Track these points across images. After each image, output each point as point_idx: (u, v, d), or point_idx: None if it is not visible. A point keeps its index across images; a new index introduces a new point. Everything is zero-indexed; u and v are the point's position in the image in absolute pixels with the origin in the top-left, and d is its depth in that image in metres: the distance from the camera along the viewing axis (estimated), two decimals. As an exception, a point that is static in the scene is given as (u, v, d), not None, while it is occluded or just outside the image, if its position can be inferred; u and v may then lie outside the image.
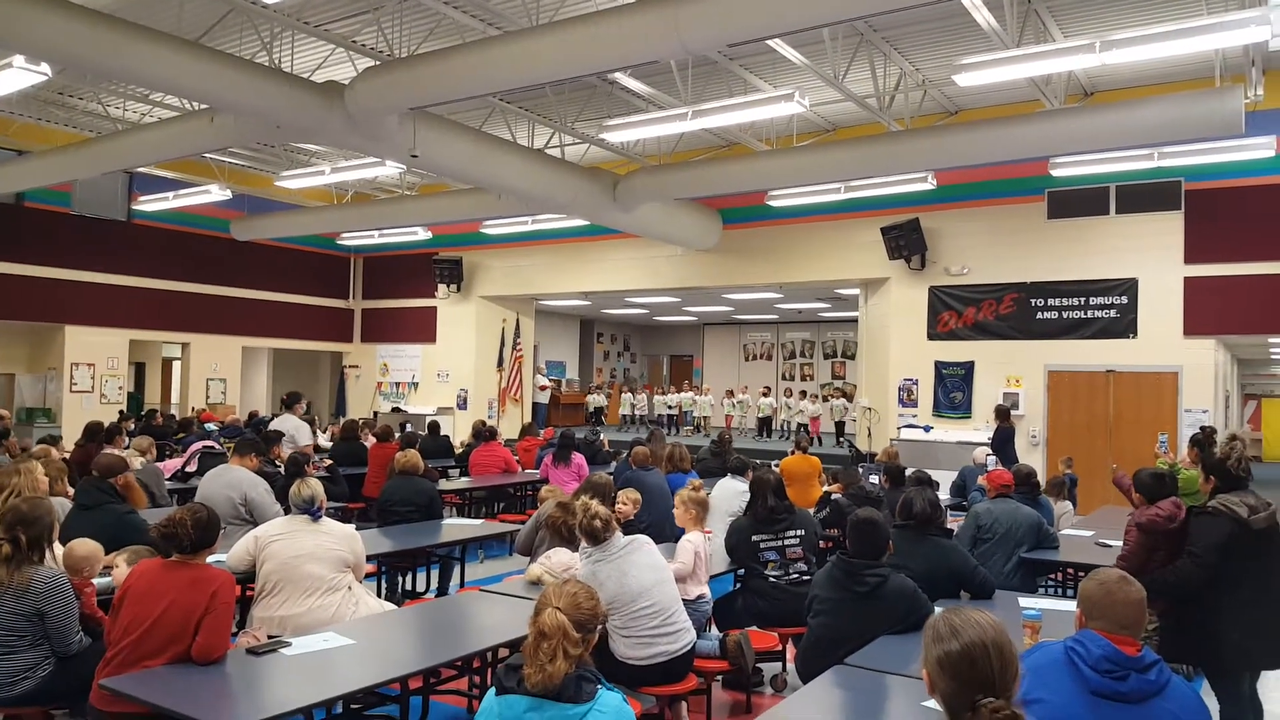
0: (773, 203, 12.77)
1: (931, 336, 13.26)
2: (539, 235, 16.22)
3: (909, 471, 7.67)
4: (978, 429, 12.46)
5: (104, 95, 12.48)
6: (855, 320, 16.20)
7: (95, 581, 4.37)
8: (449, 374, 18.80)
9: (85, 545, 4.40)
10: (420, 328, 19.34)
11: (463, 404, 18.42)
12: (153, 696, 3.20)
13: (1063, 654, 2.47)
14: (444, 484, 9.64)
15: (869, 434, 13.92)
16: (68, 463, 7.10)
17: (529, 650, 2.41)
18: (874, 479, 8.24)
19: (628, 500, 6.03)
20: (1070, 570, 6.44)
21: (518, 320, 18.92)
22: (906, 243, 13.05)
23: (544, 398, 20.17)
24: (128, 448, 8.47)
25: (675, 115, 9.41)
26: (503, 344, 18.75)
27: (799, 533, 5.43)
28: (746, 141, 12.30)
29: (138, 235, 16.49)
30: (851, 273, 14.14)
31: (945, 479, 9.52)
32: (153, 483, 7.38)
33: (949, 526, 5.19)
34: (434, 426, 12.91)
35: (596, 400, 22.51)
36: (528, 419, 17.62)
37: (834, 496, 7.62)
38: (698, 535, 5.06)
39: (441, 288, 18.59)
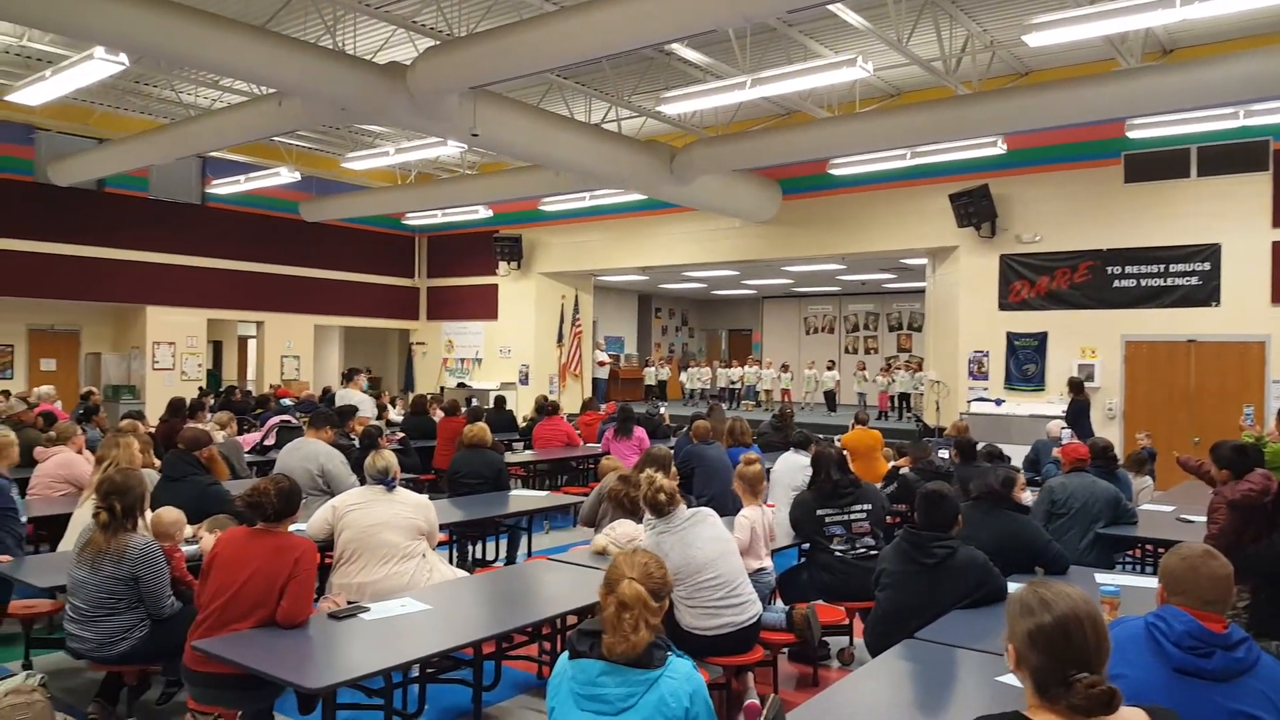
0: (834, 171, 12.58)
1: (1003, 307, 12.96)
2: (597, 211, 16.24)
3: (980, 446, 7.55)
4: (1051, 402, 12.18)
5: (177, 82, 12.82)
6: (922, 291, 15.90)
7: (183, 549, 4.57)
8: (511, 350, 19.03)
9: (171, 513, 4.61)
10: (483, 305, 19.59)
11: (524, 379, 18.64)
12: (241, 658, 3.35)
13: (1144, 629, 2.40)
14: (509, 457, 9.80)
15: (937, 408, 13.70)
16: (152, 436, 7.41)
17: (610, 621, 2.44)
18: (943, 454, 8.13)
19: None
20: (1149, 546, 6.29)
21: (576, 296, 19.04)
22: (976, 210, 12.74)
23: (603, 373, 20.29)
24: (209, 422, 8.78)
25: (734, 84, 9.32)
26: (562, 320, 18.90)
27: (865, 507, 5.39)
28: (807, 109, 12.11)
29: (212, 218, 16.98)
30: (918, 242, 13.86)
31: (1017, 454, 9.34)
32: (233, 456, 7.66)
33: (1024, 502, 5.09)
34: (499, 401, 13.11)
35: (660, 374, 22.53)
36: (587, 394, 17.77)
37: (902, 471, 7.54)
38: (754, 510, 5.06)
39: (502, 265, 18.78)
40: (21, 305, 15.23)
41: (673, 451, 7.04)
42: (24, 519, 5.06)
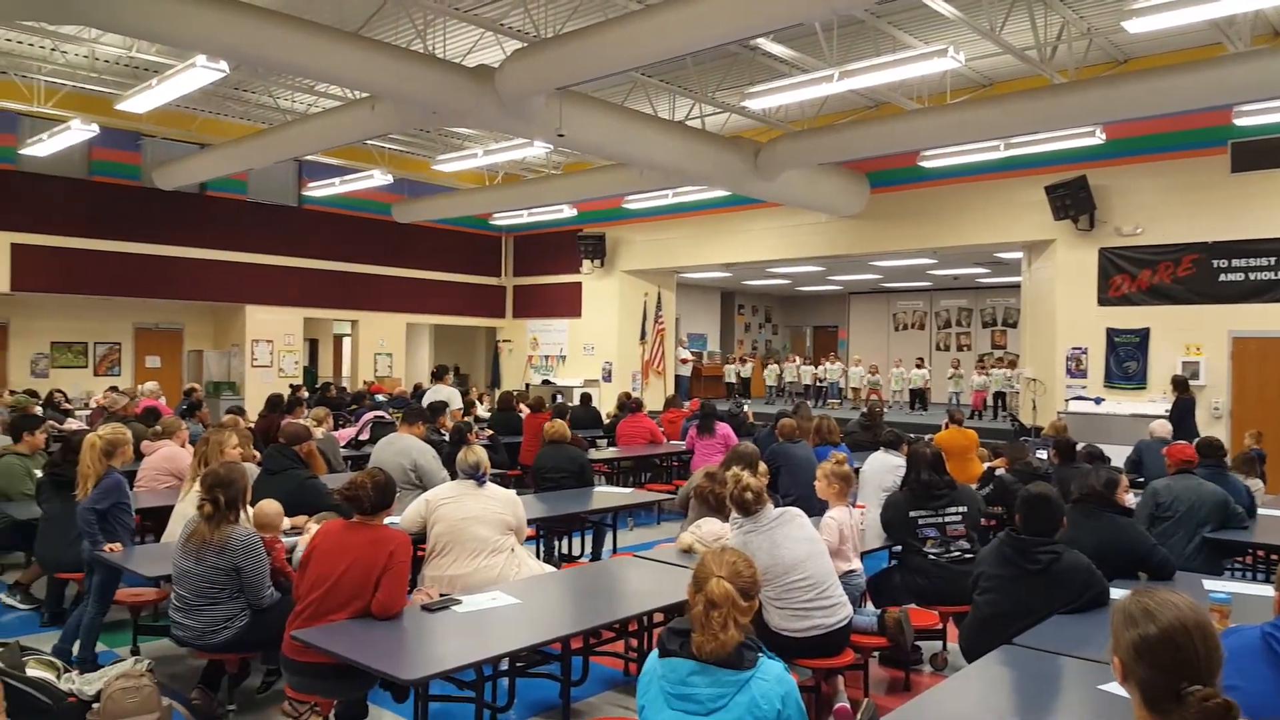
0: (925, 164, 12.27)
1: (1102, 302, 12.45)
2: (680, 208, 16.21)
3: (1079, 447, 7.26)
4: (1154, 400, 11.65)
5: (274, 88, 13.29)
6: (1017, 286, 15.42)
7: (283, 540, 4.73)
8: (594, 347, 19.16)
9: (272, 505, 4.76)
10: (567, 303, 19.77)
11: (607, 376, 18.75)
12: (338, 648, 3.43)
13: (1260, 640, 2.28)
14: (593, 453, 9.86)
15: (1033, 406, 13.26)
16: (252, 431, 7.68)
17: (699, 619, 2.42)
18: (1041, 454, 7.85)
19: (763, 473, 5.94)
20: (1261, 552, 5.97)
21: (659, 293, 19.05)
22: (1073, 202, 12.27)
23: (686, 370, 20.25)
24: (307, 418, 9.07)
25: (821, 77, 9.19)
26: (645, 317, 18.94)
27: (960, 509, 5.23)
28: (896, 101, 11.85)
29: (308, 220, 17.56)
30: (1013, 235, 13.42)
31: (1118, 454, 8.97)
32: (330, 450, 7.89)
33: (1127, 505, 4.88)
34: (585, 398, 13.22)
35: (742, 371, 22.38)
36: (670, 391, 17.76)
37: (998, 472, 7.31)
38: (842, 511, 4.95)
39: (586, 263, 18.91)
40: (128, 305, 16.02)
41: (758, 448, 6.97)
42: (133, 511, 5.29)
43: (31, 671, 4.10)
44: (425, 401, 10.64)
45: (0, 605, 6.17)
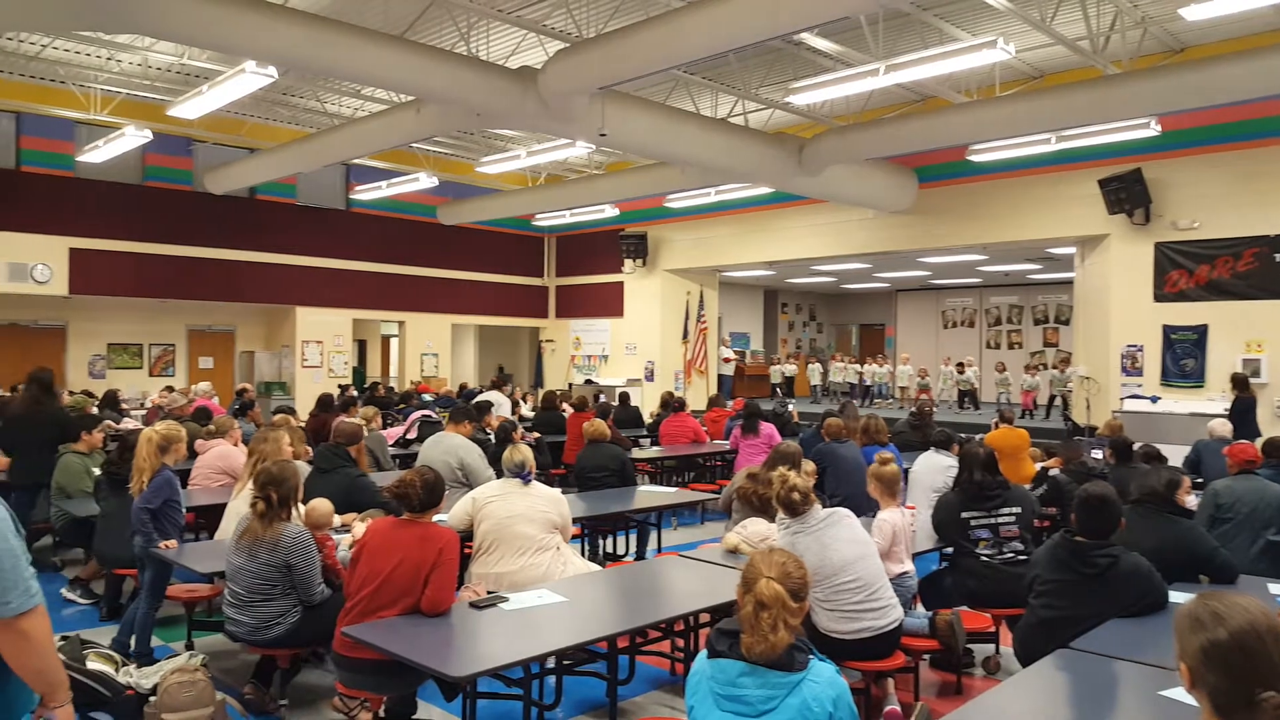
0: (974, 158, 12.07)
1: (1158, 298, 12.15)
2: (722, 206, 16.13)
3: (1136, 446, 7.08)
4: (1212, 399, 11.33)
5: (322, 93, 13.48)
6: (1070, 282, 15.08)
7: (334, 538, 4.78)
8: (636, 346, 19.16)
9: (323, 503, 4.82)
10: (609, 302, 19.80)
11: (649, 376, 18.74)
12: (388, 644, 3.46)
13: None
14: (636, 453, 9.85)
15: (1087, 406, 12.98)
16: (304, 430, 7.80)
17: (748, 620, 2.40)
18: (1096, 454, 7.67)
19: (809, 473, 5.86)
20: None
21: (701, 292, 18.99)
22: (1128, 195, 11.99)
23: (728, 369, 20.17)
24: (357, 417, 9.19)
25: (866, 72, 9.08)
26: (687, 316, 18.89)
27: (1014, 510, 5.12)
28: (944, 94, 11.67)
29: (356, 222, 17.81)
30: (1065, 230, 13.15)
31: (1176, 454, 8.74)
32: (378, 449, 7.99)
33: (1188, 506, 4.74)
34: (624, 397, 13.22)
35: (786, 370, 22.22)
36: (713, 390, 17.70)
37: (1052, 472, 7.15)
38: (893, 512, 4.87)
39: (628, 263, 18.91)
40: (182, 307, 16.37)
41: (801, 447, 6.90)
42: (184, 509, 5.39)
43: (91, 664, 4.20)
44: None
45: (60, 600, 6.31)
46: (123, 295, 15.12)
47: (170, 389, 13.68)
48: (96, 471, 6.37)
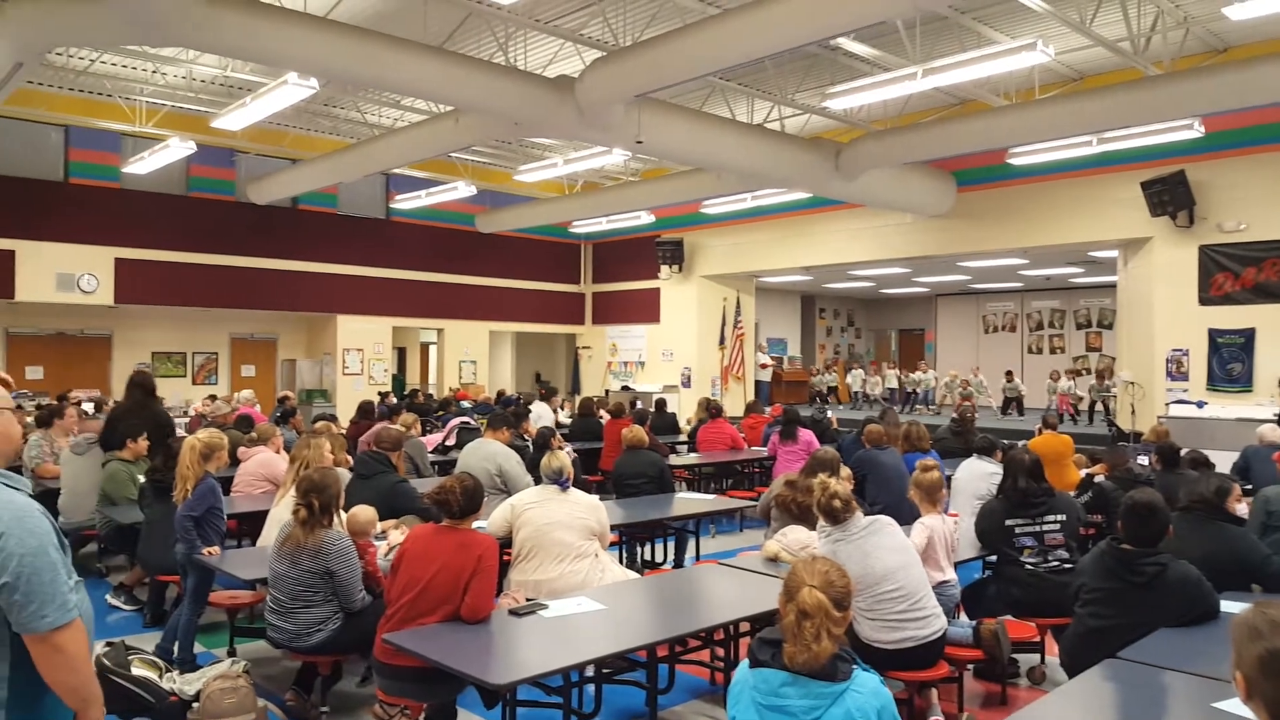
0: (1014, 161, 11.91)
1: (1204, 301, 11.89)
2: (759, 211, 16.06)
3: (1183, 452, 6.93)
4: (1261, 404, 11.06)
5: (362, 104, 13.66)
6: (1112, 286, 14.84)
7: (375, 544, 4.82)
8: (673, 353, 19.14)
9: (366, 511, 4.86)
10: (645, 309, 19.81)
11: (686, 382, 18.70)
12: (429, 651, 3.48)
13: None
14: (673, 459, 9.83)
15: (1131, 411, 12.73)
16: (345, 437, 7.88)
17: (791, 629, 2.38)
18: (1142, 460, 7.52)
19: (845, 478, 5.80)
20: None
21: (738, 298, 18.93)
22: (1171, 198, 11.76)
23: (766, 375, 20.07)
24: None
25: (904, 76, 9.02)
26: (724, 322, 18.83)
27: (1059, 518, 5.03)
28: (982, 97, 11.55)
29: (396, 231, 18.00)
30: (1107, 233, 12.93)
31: (1223, 460, 8.54)
32: (418, 455, 8.05)
33: (1238, 514, 4.63)
34: (660, 404, 13.21)
35: (826, 380, 22.10)
36: (750, 397, 17.61)
37: (1097, 479, 7.02)
38: (934, 518, 4.81)
39: (664, 269, 18.91)
40: (225, 315, 16.64)
41: (839, 453, 6.84)
42: (225, 516, 5.46)
43: (136, 670, 4.26)
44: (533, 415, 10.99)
45: (105, 606, 6.42)
46: (167, 304, 15.39)
47: (213, 397, 13.92)
48: (141, 479, 6.47)
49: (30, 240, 13.84)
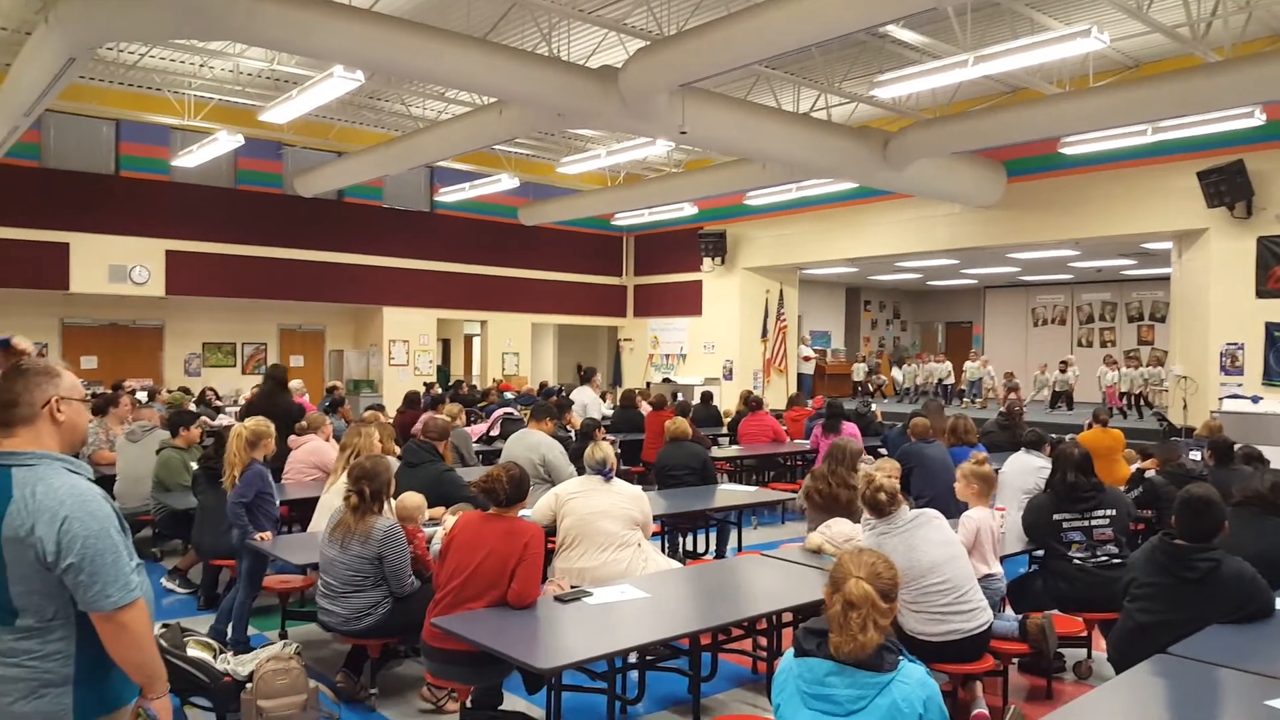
0: (1066, 150, 11.69)
1: (1261, 294, 11.58)
2: (803, 202, 15.94)
3: (1237, 448, 6.77)
4: (1320, 400, 10.77)
5: (407, 96, 13.79)
6: (1166, 278, 14.51)
7: (423, 530, 4.89)
8: (714, 345, 19.10)
9: (413, 497, 4.94)
10: (687, 301, 19.79)
11: (728, 375, 18.65)
12: (477, 636, 3.53)
13: None
14: (715, 451, 9.82)
15: (1184, 405, 12.46)
16: (393, 426, 7.99)
17: (837, 620, 2.38)
18: (1194, 455, 7.35)
19: (893, 471, 5.74)
20: None
21: (781, 290, 18.83)
22: (1228, 188, 11.46)
23: (808, 368, 19.94)
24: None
25: (954, 63, 8.90)
26: (766, 314, 18.75)
27: (1109, 513, 4.94)
28: (1034, 86, 11.33)
29: (440, 224, 18.18)
30: (1161, 224, 12.64)
31: (1278, 456, 8.33)
32: (462, 445, 8.15)
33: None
34: (706, 396, 13.20)
35: (876, 380, 21.89)
36: (793, 390, 17.52)
37: (1148, 474, 6.88)
38: (981, 511, 4.76)
39: (706, 261, 18.86)
40: (273, 307, 16.94)
41: (862, 445, 6.79)
42: (277, 501, 5.58)
43: (191, 651, 4.37)
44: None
45: (160, 589, 6.60)
46: (216, 295, 15.71)
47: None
48: (194, 466, 6.63)
49: (84, 233, 14.20)
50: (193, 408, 10.76)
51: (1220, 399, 11.67)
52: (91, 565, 2.11)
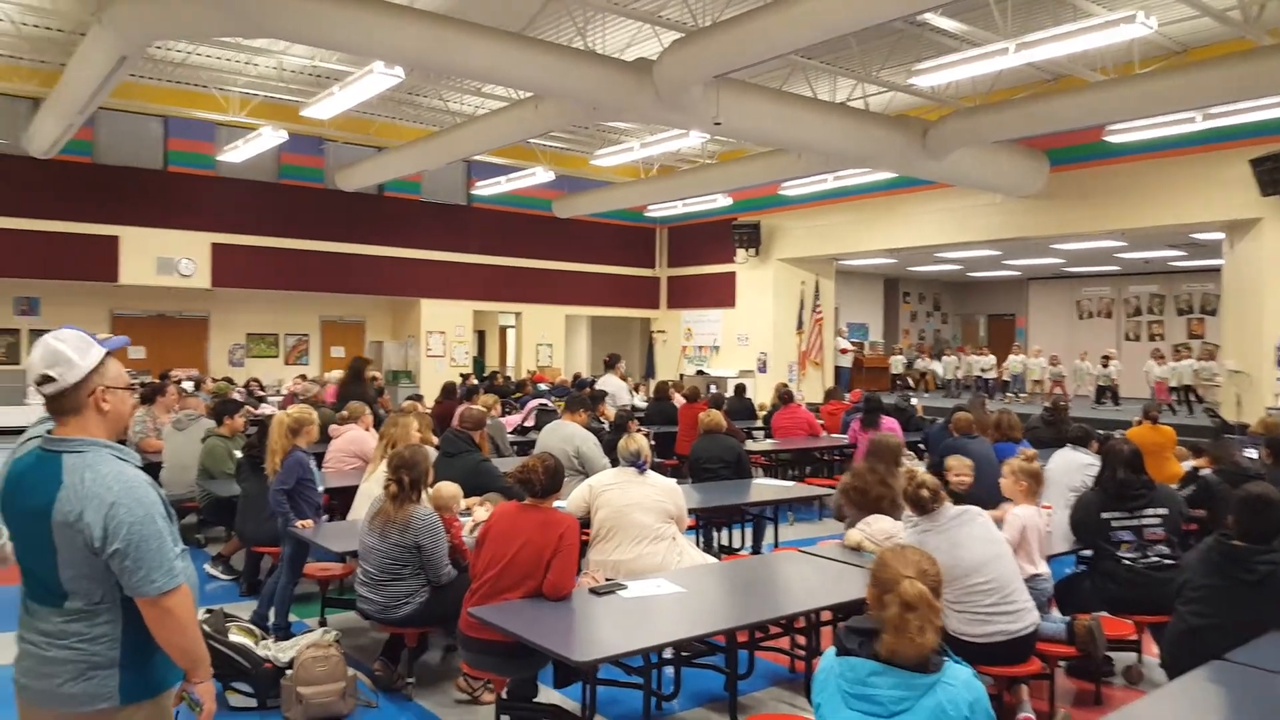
0: (1111, 138, 11.43)
1: (1318, 286, 11.27)
2: (840, 193, 15.76)
3: (1296, 445, 6.56)
4: (1381, 395, 10.45)
5: (445, 92, 13.84)
6: (1217, 270, 14.15)
7: (460, 519, 4.90)
8: (748, 337, 18.99)
9: (449, 487, 4.95)
10: (720, 292, 19.70)
11: (762, 367, 18.53)
12: (513, 626, 3.51)
13: None
14: (750, 445, 9.72)
15: (1237, 402, 12.13)
16: (430, 416, 8.03)
17: (894, 622, 2.31)
18: (1250, 453, 7.14)
19: (964, 470, 5.63)
20: None
21: (817, 282, 18.65)
22: (1284, 176, 11.15)
23: (845, 361, 19.73)
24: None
25: (995, 51, 8.74)
26: (802, 306, 18.58)
27: (1160, 512, 4.80)
28: (1078, 73, 11.07)
29: (476, 217, 18.29)
30: (1212, 214, 12.32)
31: (1338, 453, 8.07)
32: (498, 436, 8.17)
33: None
34: (740, 389, 13.12)
35: (917, 371, 21.64)
36: (829, 383, 17.36)
37: (1202, 473, 6.69)
38: (1027, 509, 4.64)
39: (740, 252, 18.73)
40: (315, 299, 17.16)
41: (902, 440, 6.69)
42: (320, 489, 5.62)
43: (233, 637, 4.43)
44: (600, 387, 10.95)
45: (204, 575, 6.70)
46: (260, 288, 15.97)
47: (304, 377, 14.35)
48: (238, 454, 6.70)
49: (133, 226, 14.51)
50: (237, 397, 10.91)
51: (1276, 395, 11.36)
52: (137, 551, 2.14)
